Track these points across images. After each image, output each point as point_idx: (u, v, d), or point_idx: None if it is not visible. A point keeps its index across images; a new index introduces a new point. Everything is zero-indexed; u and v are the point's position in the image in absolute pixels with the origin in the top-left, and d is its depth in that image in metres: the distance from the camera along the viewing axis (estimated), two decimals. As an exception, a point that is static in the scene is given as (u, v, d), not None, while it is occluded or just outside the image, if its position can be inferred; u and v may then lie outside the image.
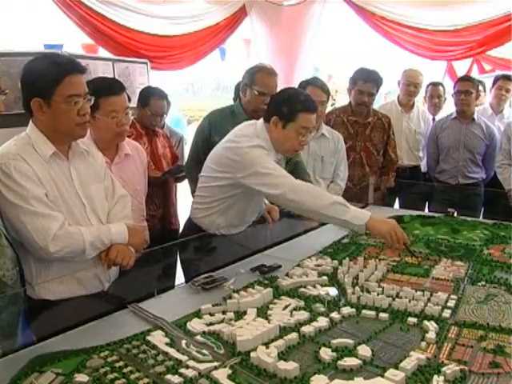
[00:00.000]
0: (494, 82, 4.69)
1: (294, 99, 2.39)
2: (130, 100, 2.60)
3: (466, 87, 4.11)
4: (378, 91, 3.76)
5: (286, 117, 2.34)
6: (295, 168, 3.11)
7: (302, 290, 1.97)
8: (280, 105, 2.38)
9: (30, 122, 1.89)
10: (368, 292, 1.93)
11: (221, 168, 2.40)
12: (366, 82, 3.64)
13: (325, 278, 2.09)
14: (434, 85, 4.83)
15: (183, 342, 1.56)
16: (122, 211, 2.08)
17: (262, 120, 2.44)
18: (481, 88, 5.05)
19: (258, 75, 2.95)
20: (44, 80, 1.77)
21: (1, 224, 1.77)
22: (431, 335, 1.58)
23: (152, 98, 3.44)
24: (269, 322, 1.65)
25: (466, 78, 4.41)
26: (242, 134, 2.40)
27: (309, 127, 2.37)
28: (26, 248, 1.82)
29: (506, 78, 4.70)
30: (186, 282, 2.11)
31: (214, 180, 2.45)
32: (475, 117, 4.22)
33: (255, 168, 2.27)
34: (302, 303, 1.84)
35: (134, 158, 2.66)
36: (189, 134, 5.23)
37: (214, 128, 2.96)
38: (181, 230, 3.02)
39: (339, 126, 3.72)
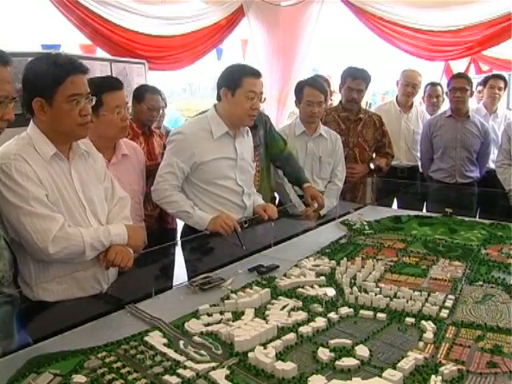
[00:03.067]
0: (485, 82, 4.70)
1: (237, 68, 2.59)
2: (126, 97, 2.62)
3: (461, 84, 4.09)
4: (367, 88, 3.83)
5: (232, 85, 2.50)
6: (287, 162, 3.13)
7: (300, 290, 1.97)
8: (226, 76, 2.56)
9: (31, 122, 1.88)
10: (366, 292, 1.93)
11: None
12: (354, 79, 3.71)
13: (323, 278, 2.09)
14: (433, 85, 4.87)
15: (181, 342, 1.56)
16: (121, 212, 2.08)
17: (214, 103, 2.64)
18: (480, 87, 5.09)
19: None
20: (46, 80, 1.77)
21: None
22: (429, 335, 1.58)
23: (146, 93, 3.47)
24: (267, 323, 1.65)
25: (461, 75, 4.39)
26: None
27: (256, 91, 2.50)
28: (26, 249, 1.81)
29: (497, 76, 4.71)
30: (184, 282, 2.11)
31: None
32: (470, 114, 4.21)
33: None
34: (299, 303, 1.84)
35: (132, 158, 2.66)
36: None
37: None
38: (179, 234, 3.01)
39: (331, 123, 3.75)
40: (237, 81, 2.48)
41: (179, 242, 2.51)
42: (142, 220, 2.71)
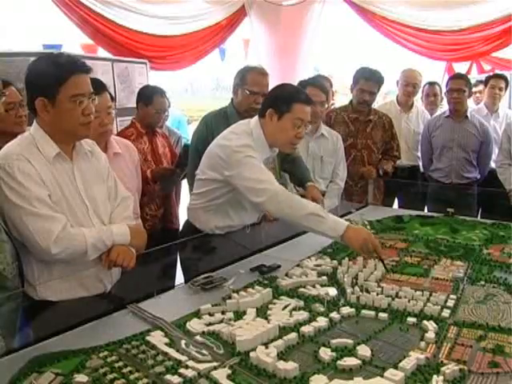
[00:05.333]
0: (486, 82, 4.69)
1: (290, 91, 2.42)
2: (112, 99, 2.60)
3: (459, 85, 4.07)
4: (379, 90, 3.78)
5: (281, 108, 2.34)
6: (294, 164, 3.10)
7: (302, 289, 1.97)
8: (276, 97, 2.40)
9: (34, 122, 1.88)
10: (367, 292, 1.93)
11: (211, 166, 2.41)
12: (367, 80, 3.66)
13: (324, 277, 2.09)
14: (431, 84, 4.88)
15: (183, 342, 1.56)
16: (124, 212, 2.07)
17: (256, 117, 2.45)
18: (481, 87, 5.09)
19: (249, 75, 2.95)
20: (48, 80, 1.77)
21: (0, 219, 1.77)
22: (430, 335, 1.58)
23: (155, 96, 3.47)
24: (268, 322, 1.65)
25: (459, 76, 4.36)
26: (233, 132, 2.41)
27: (304, 119, 2.37)
28: (28, 249, 1.81)
29: (498, 76, 4.70)
30: (186, 282, 2.11)
31: (205, 178, 2.46)
32: (468, 114, 4.19)
33: (240, 169, 2.27)
34: (301, 303, 1.84)
35: (125, 156, 2.67)
36: (190, 135, 5.24)
37: (210, 130, 2.94)
38: (179, 232, 3.01)
39: (340, 124, 3.74)
40: (287, 105, 2.33)
41: (181, 242, 2.51)
42: (139, 217, 2.70)
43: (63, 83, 1.78)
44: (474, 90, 5.38)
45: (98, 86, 2.37)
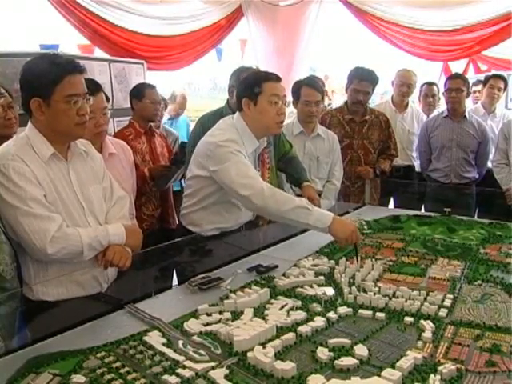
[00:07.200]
0: (485, 82, 4.71)
1: (255, 75, 2.50)
2: (108, 100, 2.60)
3: (457, 85, 4.09)
4: (373, 90, 3.77)
5: (253, 93, 2.38)
6: (290, 164, 3.10)
7: (299, 289, 1.97)
8: (245, 87, 2.44)
9: (29, 122, 1.88)
10: (365, 292, 1.93)
11: (198, 163, 2.43)
12: (361, 80, 3.65)
13: (321, 277, 2.09)
14: (429, 84, 4.88)
15: (180, 342, 1.55)
16: (119, 212, 2.07)
17: (237, 112, 2.48)
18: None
19: (244, 76, 2.96)
20: (43, 80, 1.77)
21: None
22: (428, 334, 1.58)
23: (146, 89, 3.51)
24: (266, 322, 1.65)
25: (457, 76, 4.37)
26: (218, 128, 2.44)
27: (278, 94, 2.39)
28: (24, 249, 1.81)
29: (497, 77, 4.72)
30: (183, 282, 2.11)
31: (193, 176, 2.48)
32: (466, 114, 4.21)
33: (225, 164, 2.28)
34: (298, 303, 1.84)
35: (120, 156, 2.67)
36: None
37: (206, 131, 2.93)
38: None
39: (335, 126, 3.74)
40: (256, 88, 2.36)
41: (178, 242, 2.51)
42: (134, 218, 2.70)
43: (58, 83, 1.78)
44: (474, 89, 5.40)
45: (93, 87, 2.37)
